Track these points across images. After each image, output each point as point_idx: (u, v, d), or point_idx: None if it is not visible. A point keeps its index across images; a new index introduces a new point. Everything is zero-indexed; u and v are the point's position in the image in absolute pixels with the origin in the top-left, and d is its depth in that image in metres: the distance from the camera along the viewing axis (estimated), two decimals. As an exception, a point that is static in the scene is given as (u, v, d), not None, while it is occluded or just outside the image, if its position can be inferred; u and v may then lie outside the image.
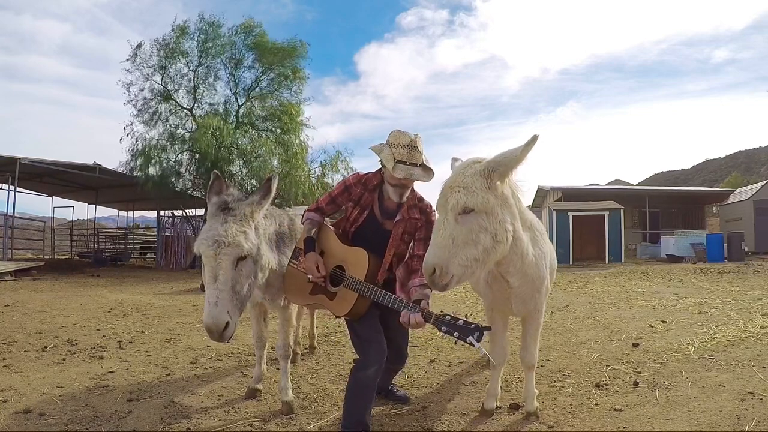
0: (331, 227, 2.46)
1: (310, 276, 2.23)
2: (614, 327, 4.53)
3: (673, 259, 13.89)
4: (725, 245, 13.37)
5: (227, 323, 1.88)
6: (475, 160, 1.89)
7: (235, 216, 2.04)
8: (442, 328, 1.86)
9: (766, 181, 17.76)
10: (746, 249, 14.07)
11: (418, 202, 2.33)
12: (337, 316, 2.26)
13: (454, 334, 1.83)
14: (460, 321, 1.85)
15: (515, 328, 3.88)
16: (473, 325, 1.82)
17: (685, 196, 22.15)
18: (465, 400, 2.77)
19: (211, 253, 1.92)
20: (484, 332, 1.82)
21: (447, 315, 1.90)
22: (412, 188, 2.32)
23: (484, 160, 1.87)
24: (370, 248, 2.21)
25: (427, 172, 2.18)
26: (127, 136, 13.66)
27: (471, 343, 1.79)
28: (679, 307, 5.53)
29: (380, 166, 2.29)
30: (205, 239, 1.96)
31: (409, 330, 2.63)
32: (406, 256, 2.35)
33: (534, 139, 1.76)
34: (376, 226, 2.31)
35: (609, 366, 3.25)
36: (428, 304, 2.02)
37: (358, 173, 2.43)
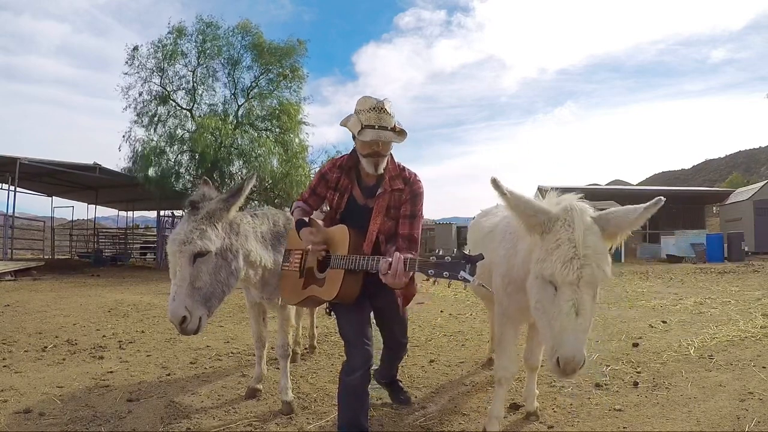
0: (318, 220, 2.35)
1: (310, 246, 2.12)
2: (614, 327, 4.52)
3: (673, 259, 13.89)
4: (725, 245, 13.37)
5: (184, 317, 1.96)
6: (582, 209, 1.76)
7: (197, 215, 2.11)
8: (429, 272, 1.65)
9: (766, 181, 17.76)
10: (746, 249, 14.06)
11: (401, 172, 2.16)
12: (328, 303, 2.14)
13: (444, 274, 1.61)
14: (446, 258, 1.64)
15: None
16: (463, 259, 1.61)
17: (685, 196, 22.13)
18: (465, 400, 2.77)
19: (171, 251, 2.05)
20: (477, 263, 1.60)
21: (431, 257, 1.69)
22: (392, 157, 2.16)
23: (584, 205, 1.78)
24: (358, 228, 2.11)
25: (400, 134, 2.05)
26: (126, 142, 13.72)
27: (465, 279, 1.58)
28: (679, 307, 5.53)
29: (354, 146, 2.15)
30: (169, 239, 2.10)
31: (408, 321, 2.61)
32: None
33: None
34: (358, 207, 2.19)
35: (609, 366, 3.25)
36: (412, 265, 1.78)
37: (333, 159, 2.36)
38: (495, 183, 1.77)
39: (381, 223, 2.12)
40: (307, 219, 2.23)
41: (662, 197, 1.69)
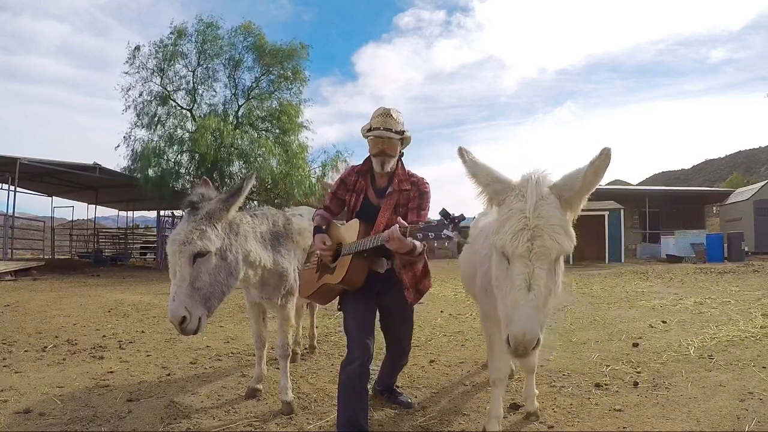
0: (337, 222, 2.53)
1: (318, 252, 2.34)
2: (614, 327, 4.53)
3: (673, 259, 13.89)
4: (725, 245, 13.37)
5: (184, 317, 1.97)
6: (539, 179, 1.64)
7: (196, 215, 2.12)
8: (418, 236, 1.82)
9: (766, 181, 17.77)
10: (746, 249, 14.07)
11: (410, 177, 2.37)
12: (339, 287, 2.27)
13: (430, 235, 1.77)
14: (432, 221, 1.81)
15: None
16: (446, 218, 1.75)
17: (685, 196, 22.13)
18: (465, 400, 2.77)
19: (171, 252, 2.06)
20: (460, 221, 1.73)
21: (421, 222, 1.87)
22: (402, 164, 2.39)
23: (546, 174, 1.66)
24: (371, 223, 2.29)
25: (402, 136, 2.32)
26: (124, 143, 13.75)
27: (448, 237, 1.71)
28: (679, 307, 5.53)
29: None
30: (169, 239, 2.10)
31: (413, 327, 2.64)
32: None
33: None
34: (372, 207, 2.36)
35: (609, 366, 3.25)
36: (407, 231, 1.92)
37: (352, 166, 2.55)
38: (460, 151, 1.77)
39: (389, 218, 2.27)
40: (324, 226, 2.43)
41: (608, 147, 1.54)
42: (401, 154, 2.39)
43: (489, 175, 1.72)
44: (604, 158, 1.53)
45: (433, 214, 2.36)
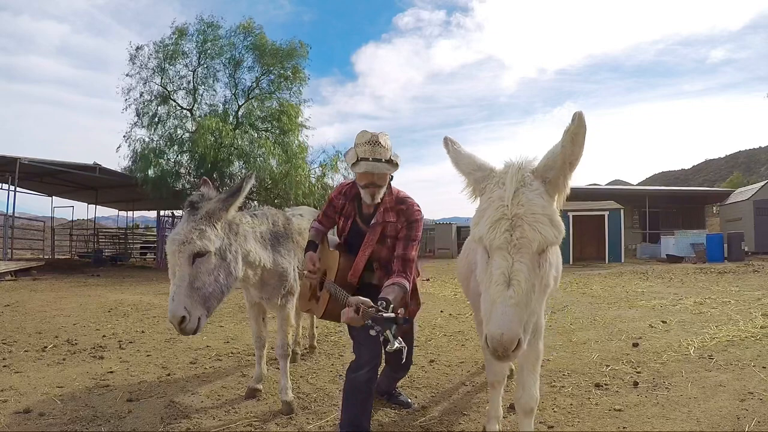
0: (327, 238, 2.51)
1: (306, 272, 2.28)
2: (614, 327, 4.53)
3: (673, 259, 13.88)
4: (725, 245, 13.36)
5: (183, 317, 1.96)
6: (522, 165, 1.50)
7: (196, 215, 2.12)
8: (368, 322, 1.71)
9: (766, 181, 17.77)
10: (746, 249, 14.07)
11: (397, 204, 2.22)
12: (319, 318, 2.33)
13: (376, 328, 1.67)
14: (381, 313, 1.69)
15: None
16: (393, 317, 1.67)
17: (685, 196, 22.14)
18: (465, 400, 2.77)
19: (170, 251, 2.05)
20: (400, 325, 1.66)
21: (373, 308, 1.74)
22: (390, 189, 2.24)
23: (530, 160, 1.52)
24: (355, 254, 2.23)
25: (393, 166, 2.14)
26: (126, 143, 13.75)
27: (387, 338, 1.61)
28: (679, 307, 5.53)
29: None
30: (168, 239, 2.09)
31: (414, 342, 2.62)
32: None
33: None
34: (359, 233, 2.27)
35: (609, 366, 3.25)
36: (389, 302, 1.80)
37: (340, 185, 2.46)
38: (445, 141, 1.72)
39: (372, 252, 2.21)
40: (317, 242, 2.38)
41: (580, 111, 1.38)
42: (390, 178, 2.21)
43: (471, 164, 1.62)
44: (577, 123, 1.38)
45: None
